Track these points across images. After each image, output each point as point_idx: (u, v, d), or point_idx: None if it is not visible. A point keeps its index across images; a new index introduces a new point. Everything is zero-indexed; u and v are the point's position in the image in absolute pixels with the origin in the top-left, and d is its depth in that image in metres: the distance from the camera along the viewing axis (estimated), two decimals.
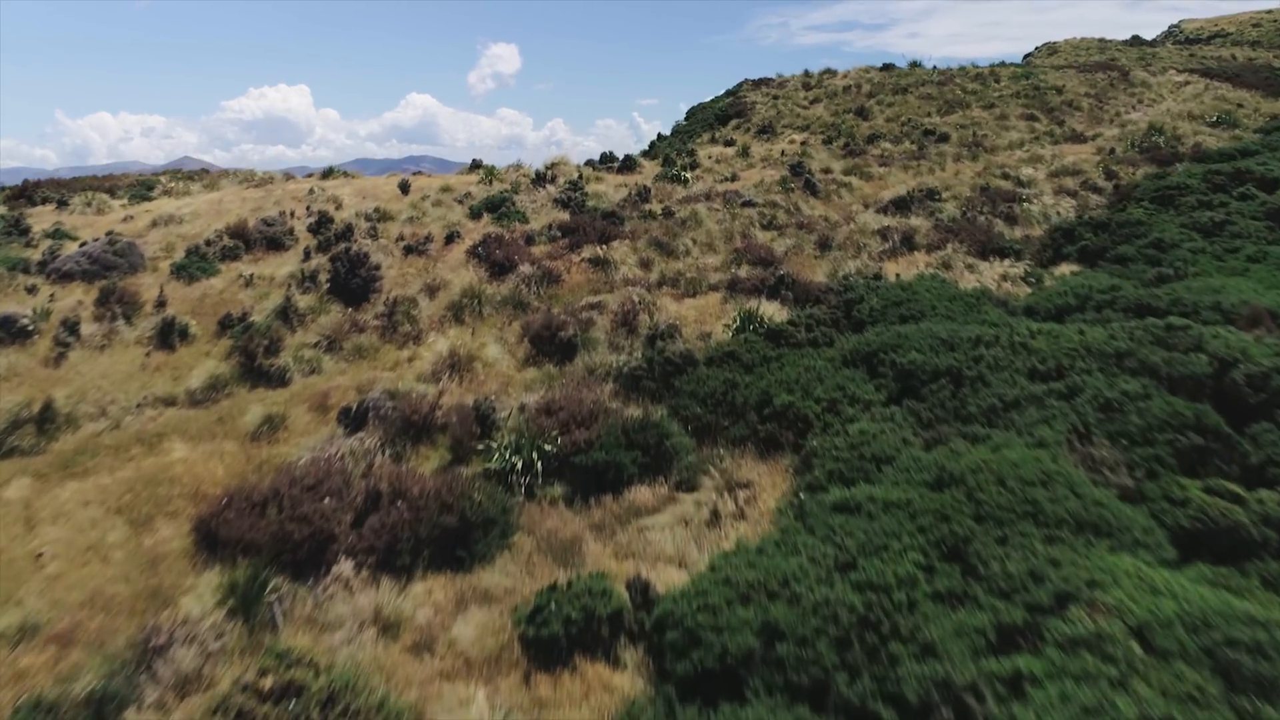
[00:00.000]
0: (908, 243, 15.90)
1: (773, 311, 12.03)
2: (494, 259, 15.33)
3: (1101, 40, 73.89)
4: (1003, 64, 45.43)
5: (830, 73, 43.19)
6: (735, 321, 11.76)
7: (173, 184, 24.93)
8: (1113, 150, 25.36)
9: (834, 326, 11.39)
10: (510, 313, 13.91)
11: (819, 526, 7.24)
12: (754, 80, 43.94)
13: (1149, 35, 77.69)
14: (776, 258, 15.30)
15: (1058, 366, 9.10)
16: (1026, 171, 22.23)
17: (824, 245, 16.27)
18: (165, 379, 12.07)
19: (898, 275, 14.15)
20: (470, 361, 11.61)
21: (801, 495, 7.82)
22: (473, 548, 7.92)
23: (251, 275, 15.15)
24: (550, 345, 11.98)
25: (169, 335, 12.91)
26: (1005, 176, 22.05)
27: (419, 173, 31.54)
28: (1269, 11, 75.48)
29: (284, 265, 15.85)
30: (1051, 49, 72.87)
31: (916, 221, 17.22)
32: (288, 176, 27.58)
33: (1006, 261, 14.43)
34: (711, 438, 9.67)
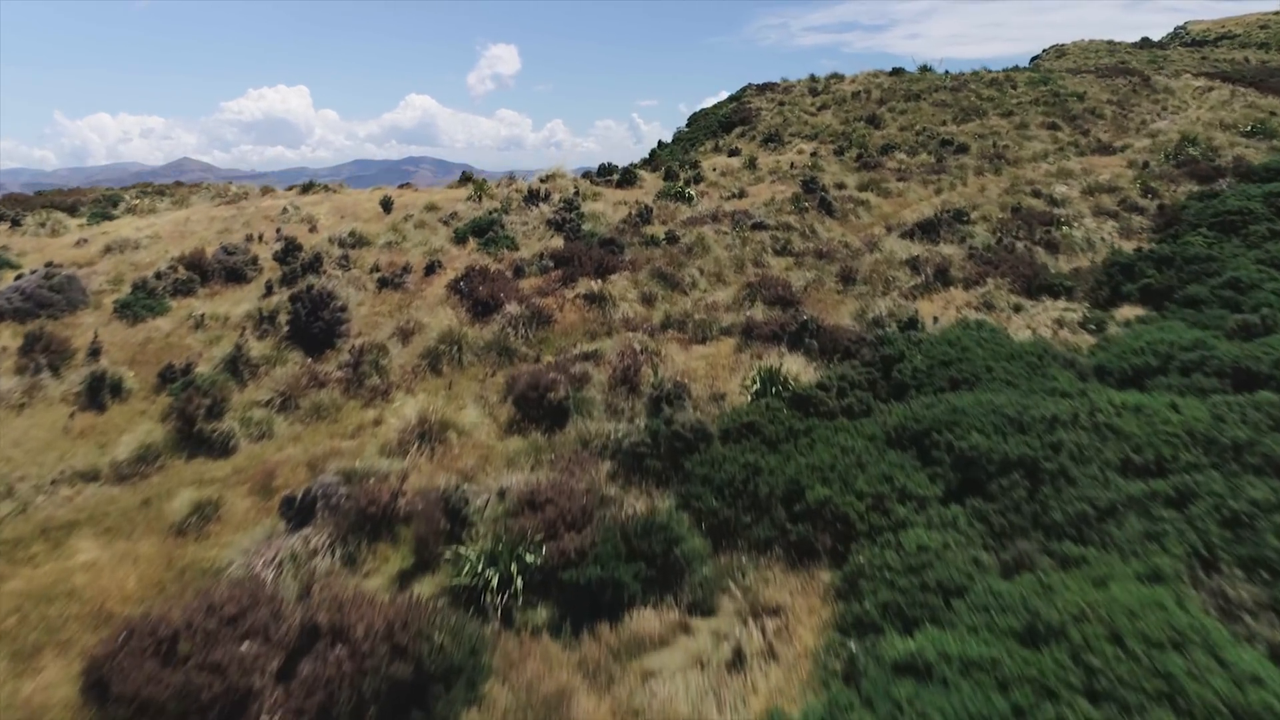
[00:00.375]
0: (942, 276, 14.19)
1: (797, 369, 10.30)
2: (478, 296, 13.61)
3: (1110, 42, 72.56)
4: (1017, 68, 43.86)
5: (837, 77, 41.47)
6: (754, 383, 10.04)
7: (138, 200, 23.15)
8: (1146, 164, 23.66)
9: (871, 390, 9.69)
10: (494, 361, 12.20)
11: (879, 699, 5.53)
12: (758, 85, 42.23)
13: (1151, 36, 76.25)
14: (795, 295, 13.60)
15: (1157, 459, 7.40)
16: (1059, 189, 20.52)
17: (847, 278, 14.56)
18: (89, 447, 10.35)
19: (935, 318, 12.44)
20: (444, 430, 9.90)
21: (851, 644, 6.11)
22: (431, 707, 6.21)
23: (203, 315, 13.42)
24: (538, 409, 10.27)
25: (99, 392, 11.19)
26: (1036, 194, 20.35)
27: (407, 185, 29.80)
28: (1276, 13, 74.11)
29: (242, 302, 14.13)
30: (1060, 51, 71.50)
31: (948, 250, 15.50)
32: (265, 190, 25.81)
33: (1059, 302, 12.70)
34: (730, 538, 7.97)
